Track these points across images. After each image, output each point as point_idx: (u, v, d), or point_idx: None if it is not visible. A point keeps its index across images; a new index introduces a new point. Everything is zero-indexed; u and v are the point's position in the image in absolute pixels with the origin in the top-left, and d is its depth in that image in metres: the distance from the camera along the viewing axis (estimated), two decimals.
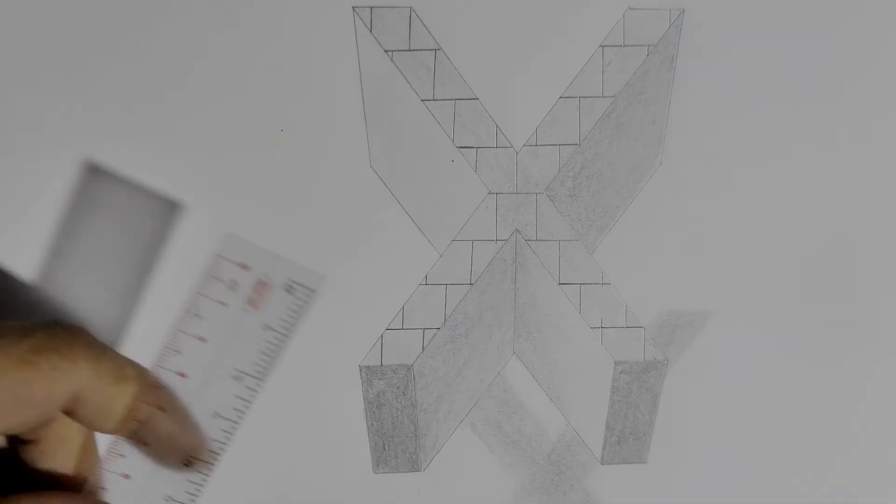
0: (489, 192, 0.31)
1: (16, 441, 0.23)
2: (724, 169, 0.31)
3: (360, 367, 0.31)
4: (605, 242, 0.32)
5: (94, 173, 0.30)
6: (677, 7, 0.30)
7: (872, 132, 0.32)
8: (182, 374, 0.25)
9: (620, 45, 0.31)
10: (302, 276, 0.25)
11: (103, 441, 0.24)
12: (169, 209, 0.31)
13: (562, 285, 0.32)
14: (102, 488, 0.25)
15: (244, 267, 0.25)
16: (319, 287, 0.25)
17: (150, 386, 0.23)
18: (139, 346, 0.29)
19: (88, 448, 0.24)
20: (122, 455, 0.25)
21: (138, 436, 0.24)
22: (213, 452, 0.25)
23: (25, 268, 0.30)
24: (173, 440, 0.24)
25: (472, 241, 0.31)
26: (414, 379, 0.32)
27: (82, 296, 0.30)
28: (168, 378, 0.24)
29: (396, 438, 0.32)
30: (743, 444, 0.33)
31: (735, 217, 0.32)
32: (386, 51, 0.30)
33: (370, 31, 0.30)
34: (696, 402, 0.32)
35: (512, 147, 0.31)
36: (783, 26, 0.31)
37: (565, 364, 0.32)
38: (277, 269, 0.25)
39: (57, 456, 0.23)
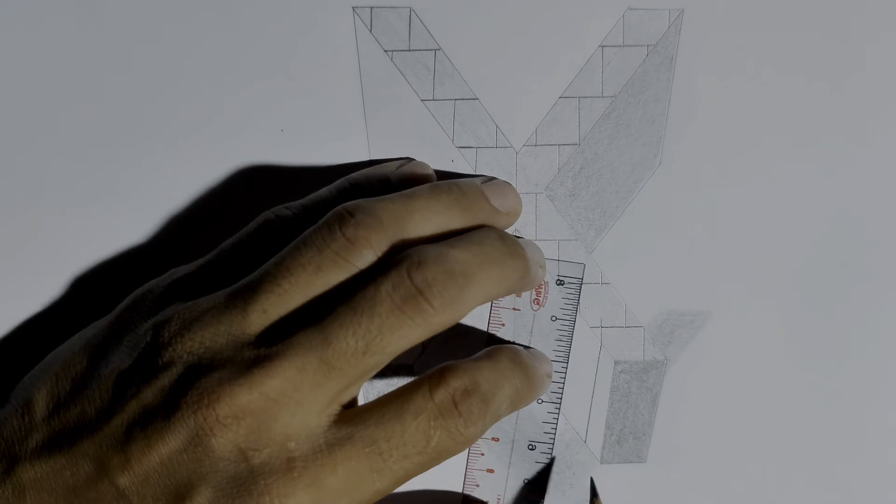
0: None
1: None
2: (724, 169, 0.31)
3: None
4: (605, 242, 0.32)
5: None
6: (677, 7, 0.31)
7: (873, 132, 0.32)
8: None
9: (620, 45, 0.31)
10: (567, 269, 0.31)
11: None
12: None
13: (561, 285, 0.32)
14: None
15: None
16: (582, 275, 0.31)
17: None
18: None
19: None
20: (481, 454, 0.32)
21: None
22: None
23: None
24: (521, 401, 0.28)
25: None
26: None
27: None
28: None
29: None
30: (743, 444, 0.33)
31: (734, 217, 0.32)
32: (386, 51, 0.30)
33: (370, 31, 0.30)
34: (696, 402, 0.32)
35: (512, 147, 0.31)
36: (783, 26, 0.31)
37: (565, 364, 0.32)
38: (548, 269, 0.31)
39: None
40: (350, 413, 0.26)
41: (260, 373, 0.24)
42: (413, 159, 0.30)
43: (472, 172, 0.31)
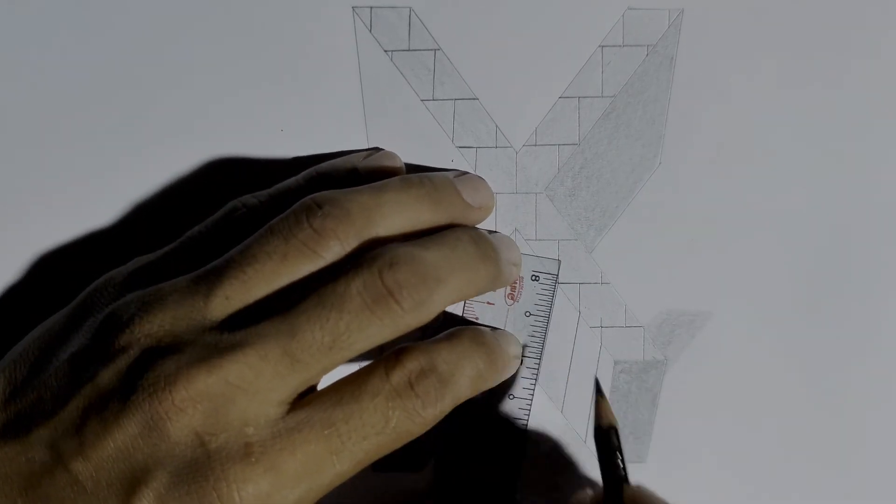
0: None
1: None
2: (724, 169, 0.31)
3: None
4: (605, 242, 0.32)
5: None
6: (677, 7, 0.31)
7: (873, 131, 0.32)
8: None
9: (620, 45, 0.31)
10: (542, 265, 0.31)
11: None
12: None
13: (561, 285, 0.32)
14: None
15: None
16: (558, 271, 0.31)
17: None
18: None
19: None
20: None
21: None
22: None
23: None
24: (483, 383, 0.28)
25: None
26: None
27: None
28: None
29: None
30: (743, 444, 0.33)
31: (734, 217, 0.32)
32: (386, 51, 0.30)
33: (370, 31, 0.30)
34: (696, 402, 0.32)
35: (511, 147, 0.31)
36: (783, 26, 0.31)
37: (565, 364, 0.32)
38: (524, 265, 0.31)
39: None
40: (308, 398, 0.25)
41: (220, 358, 0.24)
42: (381, 149, 0.30)
43: (471, 172, 0.31)
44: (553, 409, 0.32)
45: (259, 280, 0.25)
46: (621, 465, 0.29)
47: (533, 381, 0.31)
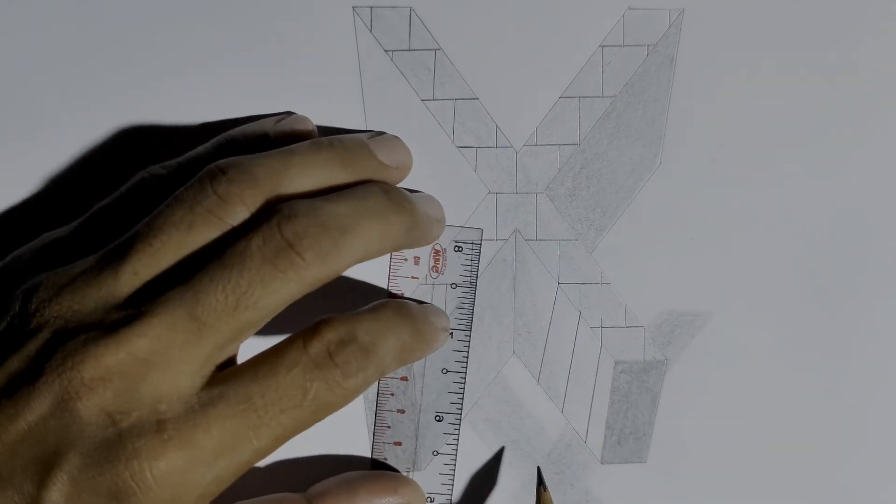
0: (489, 192, 0.31)
1: None
2: (724, 169, 0.31)
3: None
4: (605, 242, 0.32)
5: None
6: (677, 7, 0.31)
7: (873, 131, 0.32)
8: None
9: (620, 45, 0.31)
10: (464, 235, 0.31)
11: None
12: None
13: (561, 285, 0.32)
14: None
15: None
16: (480, 239, 0.31)
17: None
18: None
19: None
20: (391, 394, 0.31)
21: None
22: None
23: None
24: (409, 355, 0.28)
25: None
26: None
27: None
28: None
29: (396, 439, 0.32)
30: (743, 444, 0.33)
31: (735, 217, 0.32)
32: (386, 51, 0.30)
33: (370, 31, 0.30)
34: (696, 402, 0.32)
35: (512, 147, 0.31)
36: (783, 26, 0.31)
37: (565, 364, 0.32)
38: (444, 236, 0.31)
39: None
40: (225, 373, 0.25)
41: (127, 332, 0.23)
42: (293, 113, 0.30)
43: (472, 172, 0.31)
44: (553, 409, 0.32)
45: (167, 252, 0.25)
46: None
47: (465, 354, 0.31)
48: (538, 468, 0.31)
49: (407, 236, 0.28)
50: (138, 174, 0.28)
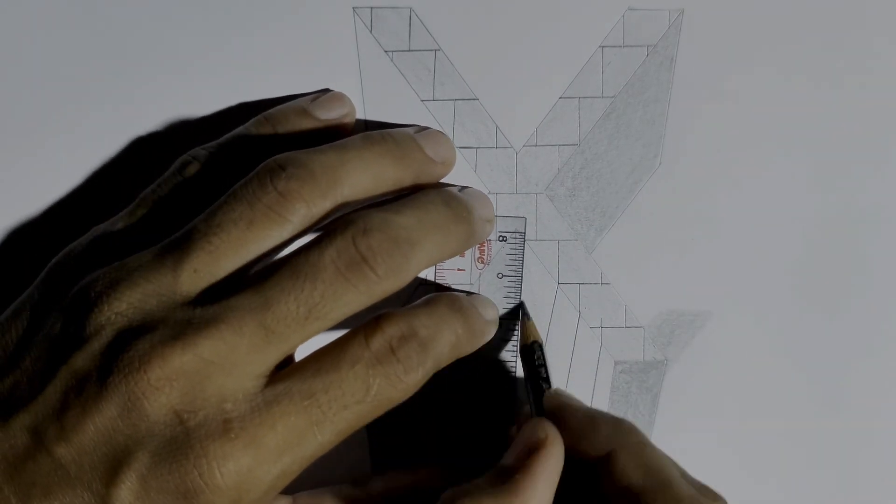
0: (489, 192, 0.31)
1: None
2: (724, 169, 0.31)
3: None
4: (605, 242, 0.32)
5: None
6: (677, 7, 0.31)
7: (873, 131, 0.32)
8: None
9: (620, 46, 0.31)
10: (508, 225, 0.31)
11: None
12: None
13: (561, 285, 0.32)
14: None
15: None
16: (524, 228, 0.31)
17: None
18: None
19: None
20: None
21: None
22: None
23: None
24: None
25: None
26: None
27: None
28: None
29: (397, 438, 0.32)
30: (743, 444, 0.33)
31: (734, 217, 0.32)
32: (386, 51, 0.30)
33: (370, 31, 0.30)
34: (696, 402, 0.32)
35: (512, 147, 0.31)
36: (783, 26, 0.31)
37: (565, 364, 0.32)
38: None
39: None
40: (287, 370, 0.25)
41: (194, 334, 0.24)
42: (330, 90, 0.30)
43: (472, 172, 0.31)
44: None
45: (227, 250, 0.25)
46: (545, 376, 0.29)
47: (515, 344, 0.31)
48: (521, 302, 0.31)
49: (464, 245, 0.28)
50: (179, 158, 0.28)
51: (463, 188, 0.30)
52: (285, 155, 0.26)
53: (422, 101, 0.31)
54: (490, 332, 0.29)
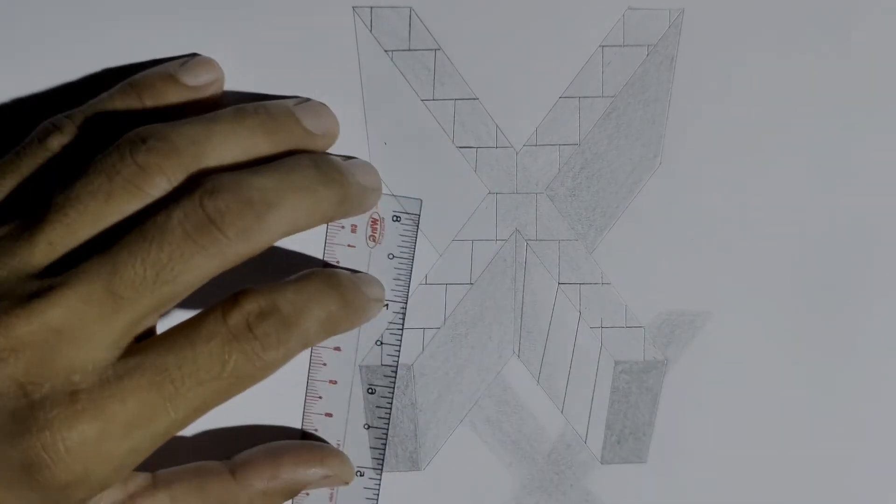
0: (489, 192, 0.31)
1: None
2: (724, 169, 0.31)
3: (360, 367, 0.31)
4: (605, 242, 0.32)
5: None
6: (677, 7, 0.31)
7: (874, 131, 0.32)
8: None
9: (620, 45, 0.31)
10: (403, 205, 0.30)
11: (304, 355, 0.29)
12: None
13: (562, 285, 0.32)
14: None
15: None
16: (419, 210, 0.30)
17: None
18: None
19: None
20: (324, 363, 0.31)
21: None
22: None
23: None
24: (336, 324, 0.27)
25: (472, 241, 0.31)
26: (414, 379, 0.32)
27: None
28: None
29: (396, 438, 0.32)
30: (743, 444, 0.33)
31: (735, 217, 0.32)
32: (386, 51, 0.30)
33: (370, 31, 0.30)
34: (696, 402, 0.32)
35: (512, 147, 0.31)
36: (783, 26, 0.31)
37: (565, 364, 0.32)
38: (383, 205, 0.30)
39: None
40: (142, 344, 0.24)
41: (40, 303, 0.23)
42: (198, 55, 0.29)
43: (472, 172, 0.31)
44: (553, 409, 0.32)
45: (84, 222, 0.24)
46: None
47: (400, 327, 0.31)
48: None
49: (338, 209, 0.27)
50: (41, 125, 0.27)
51: (347, 158, 0.29)
52: (147, 127, 0.25)
53: (422, 100, 0.31)
54: (373, 311, 0.29)
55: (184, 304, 0.26)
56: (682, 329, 0.32)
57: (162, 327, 0.26)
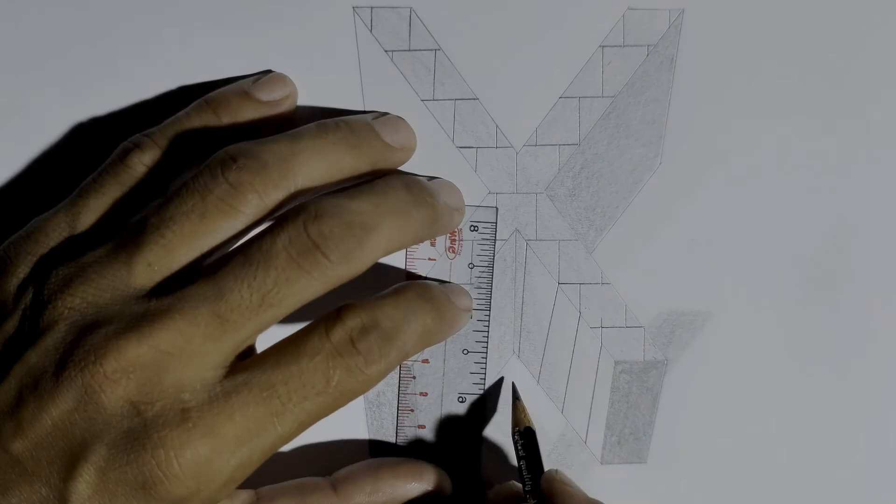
0: (489, 192, 0.31)
1: None
2: (724, 169, 0.31)
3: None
4: (605, 242, 0.32)
5: None
6: (677, 7, 0.30)
7: (873, 131, 0.32)
8: None
9: (620, 46, 0.31)
10: (479, 214, 0.31)
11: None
12: None
13: (561, 285, 0.32)
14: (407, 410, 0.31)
15: None
16: (496, 218, 0.31)
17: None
18: None
19: None
20: (413, 377, 0.31)
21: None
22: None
23: None
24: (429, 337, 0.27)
25: (473, 241, 0.31)
26: (415, 379, 0.32)
27: None
28: None
29: (397, 438, 0.32)
30: (743, 444, 0.33)
31: (735, 217, 0.32)
32: (386, 51, 0.30)
33: (370, 31, 0.30)
34: (697, 402, 0.32)
35: (512, 147, 0.31)
36: (783, 26, 0.31)
37: (565, 364, 0.32)
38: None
39: None
40: (247, 361, 0.25)
41: (149, 325, 0.24)
42: (271, 71, 0.30)
43: (472, 172, 0.31)
44: (553, 410, 0.32)
45: (180, 242, 0.25)
46: (539, 461, 0.30)
47: (485, 335, 0.31)
48: (513, 384, 0.32)
49: (428, 230, 0.28)
50: (120, 145, 0.27)
51: (431, 178, 0.30)
52: (236, 146, 0.26)
53: (422, 100, 0.31)
54: (463, 321, 0.29)
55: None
56: (682, 329, 0.32)
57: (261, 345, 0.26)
